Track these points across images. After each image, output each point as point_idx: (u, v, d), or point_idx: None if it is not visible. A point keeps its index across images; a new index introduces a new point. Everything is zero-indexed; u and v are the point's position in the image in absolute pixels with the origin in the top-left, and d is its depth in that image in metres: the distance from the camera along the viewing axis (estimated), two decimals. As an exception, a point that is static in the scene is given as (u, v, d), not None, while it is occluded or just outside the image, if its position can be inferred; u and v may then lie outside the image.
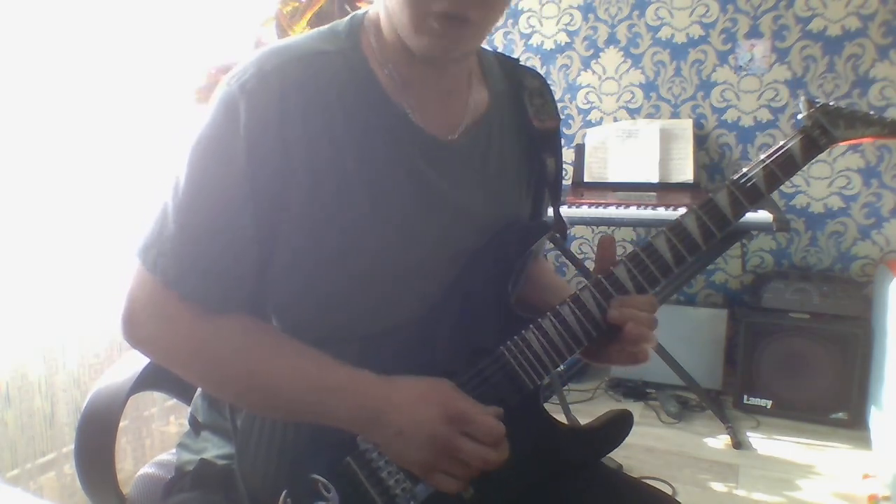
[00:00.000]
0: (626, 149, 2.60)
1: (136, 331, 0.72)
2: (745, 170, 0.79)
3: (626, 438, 0.83)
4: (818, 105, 0.79)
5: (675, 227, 0.77)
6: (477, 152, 0.81)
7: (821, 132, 0.78)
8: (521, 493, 0.77)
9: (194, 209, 0.69)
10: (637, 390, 2.66)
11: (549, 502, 0.81)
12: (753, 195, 0.77)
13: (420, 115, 0.76)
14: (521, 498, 0.78)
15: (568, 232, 0.90)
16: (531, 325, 0.76)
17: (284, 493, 0.72)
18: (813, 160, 0.80)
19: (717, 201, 0.77)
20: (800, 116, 0.81)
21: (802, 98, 0.82)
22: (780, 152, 0.78)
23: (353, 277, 0.74)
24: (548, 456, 0.80)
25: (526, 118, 0.85)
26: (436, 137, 0.77)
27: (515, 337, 0.76)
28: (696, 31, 2.68)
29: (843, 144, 0.81)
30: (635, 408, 2.56)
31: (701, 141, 2.69)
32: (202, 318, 0.70)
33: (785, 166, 0.78)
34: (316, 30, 0.78)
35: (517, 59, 0.91)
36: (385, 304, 0.76)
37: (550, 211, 0.91)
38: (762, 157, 0.79)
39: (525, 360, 0.75)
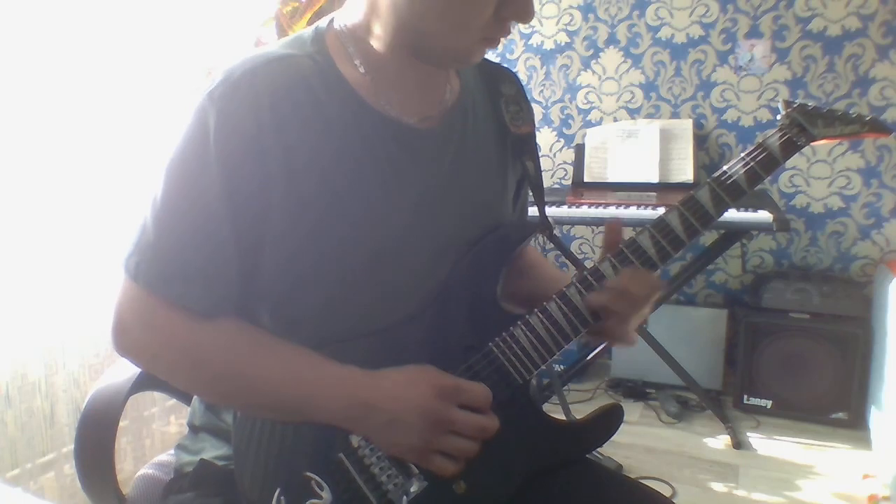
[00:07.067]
0: (626, 149, 2.60)
1: (123, 340, 0.72)
2: (726, 168, 0.80)
3: (627, 439, 0.84)
4: (795, 105, 0.81)
5: (659, 224, 0.78)
6: (453, 138, 0.82)
7: (799, 131, 0.80)
8: (513, 487, 0.78)
9: (172, 218, 0.70)
10: (637, 390, 2.66)
11: (541, 501, 0.82)
12: (735, 192, 0.79)
13: (395, 108, 0.77)
14: (512, 494, 0.78)
15: (554, 231, 0.92)
16: (519, 322, 0.78)
17: (278, 491, 0.72)
18: (792, 157, 0.81)
19: (700, 199, 0.78)
20: (778, 117, 0.82)
21: (781, 98, 0.83)
22: (759, 151, 0.79)
23: (343, 278, 0.74)
24: (539, 449, 0.80)
25: (502, 122, 0.87)
26: (413, 126, 0.78)
27: (504, 333, 0.78)
28: (696, 31, 2.68)
29: (822, 143, 0.82)
30: (635, 408, 2.56)
31: (701, 141, 2.69)
32: (188, 322, 0.71)
33: (765, 164, 0.79)
34: (281, 39, 0.79)
35: (495, 63, 0.92)
36: (377, 303, 0.76)
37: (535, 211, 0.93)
38: (742, 155, 0.80)
39: (514, 356, 0.77)
